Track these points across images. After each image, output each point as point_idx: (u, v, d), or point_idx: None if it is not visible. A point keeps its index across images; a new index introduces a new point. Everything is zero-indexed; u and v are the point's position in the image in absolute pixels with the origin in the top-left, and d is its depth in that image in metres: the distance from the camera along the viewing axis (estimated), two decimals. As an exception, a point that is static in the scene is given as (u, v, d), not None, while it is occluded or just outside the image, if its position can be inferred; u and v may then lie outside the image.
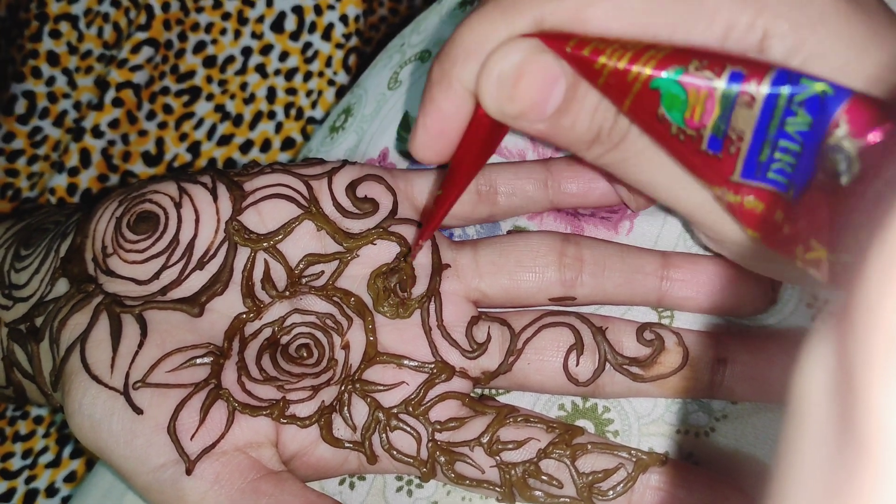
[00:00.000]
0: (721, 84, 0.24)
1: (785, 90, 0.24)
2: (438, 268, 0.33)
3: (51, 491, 0.45)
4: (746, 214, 0.26)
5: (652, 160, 0.28)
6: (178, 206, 0.33)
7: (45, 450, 0.46)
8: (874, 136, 0.22)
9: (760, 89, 0.24)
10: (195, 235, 0.33)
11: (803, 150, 0.24)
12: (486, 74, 0.26)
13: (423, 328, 0.33)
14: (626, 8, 0.25)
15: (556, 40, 0.26)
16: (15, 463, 0.45)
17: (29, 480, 0.45)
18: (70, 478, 0.45)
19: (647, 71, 0.25)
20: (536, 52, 0.26)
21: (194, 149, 0.51)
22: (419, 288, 0.33)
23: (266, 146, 0.52)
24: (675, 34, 0.25)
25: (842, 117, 0.23)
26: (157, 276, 0.33)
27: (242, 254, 0.33)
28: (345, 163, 0.35)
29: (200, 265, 0.33)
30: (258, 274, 0.33)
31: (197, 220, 0.33)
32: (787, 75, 0.24)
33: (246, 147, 0.52)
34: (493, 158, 0.37)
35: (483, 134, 0.28)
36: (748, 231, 0.26)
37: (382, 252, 0.34)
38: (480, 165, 0.30)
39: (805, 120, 0.24)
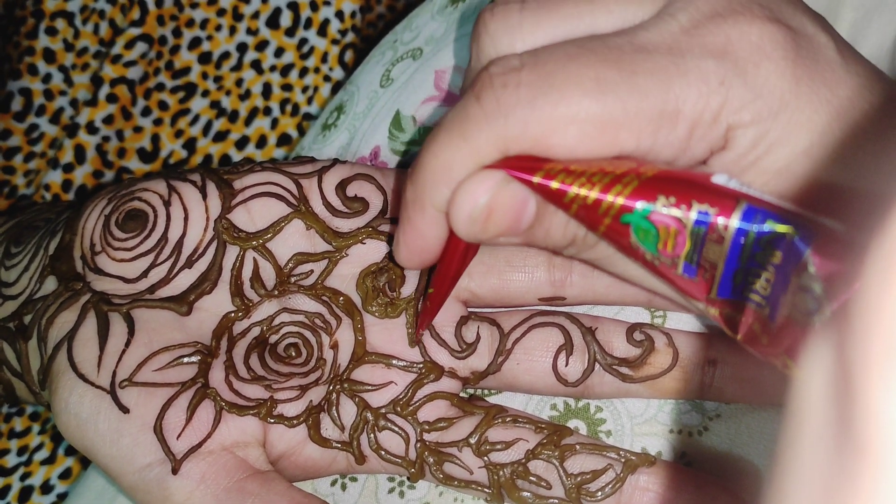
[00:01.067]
0: (689, 221, 0.24)
1: (752, 232, 0.24)
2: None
3: (46, 488, 0.45)
4: (727, 323, 0.26)
5: (624, 259, 0.28)
6: (167, 204, 0.33)
7: (40, 446, 0.46)
8: (839, 273, 0.22)
9: (729, 226, 0.24)
10: (184, 233, 0.33)
11: (775, 277, 0.24)
12: (455, 213, 0.26)
13: (411, 328, 0.33)
14: (588, 131, 0.25)
15: (522, 171, 0.26)
16: (10, 460, 0.45)
17: (24, 477, 0.45)
18: (65, 474, 0.45)
19: (616, 206, 0.25)
20: (502, 185, 0.26)
21: (190, 145, 0.51)
22: (408, 288, 0.33)
23: (262, 142, 0.52)
24: (640, 143, 0.25)
25: (809, 259, 0.23)
26: (145, 274, 0.33)
27: (231, 252, 0.33)
28: (335, 161, 0.35)
29: (189, 263, 0.33)
30: (247, 272, 0.33)
31: (186, 219, 0.33)
32: (753, 213, 0.24)
33: (241, 143, 0.52)
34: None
35: (464, 243, 0.28)
36: (729, 332, 0.27)
37: (372, 251, 0.34)
38: (466, 264, 0.30)
39: (774, 254, 0.24)
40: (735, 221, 0.24)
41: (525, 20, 0.27)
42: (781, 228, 0.24)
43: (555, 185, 0.25)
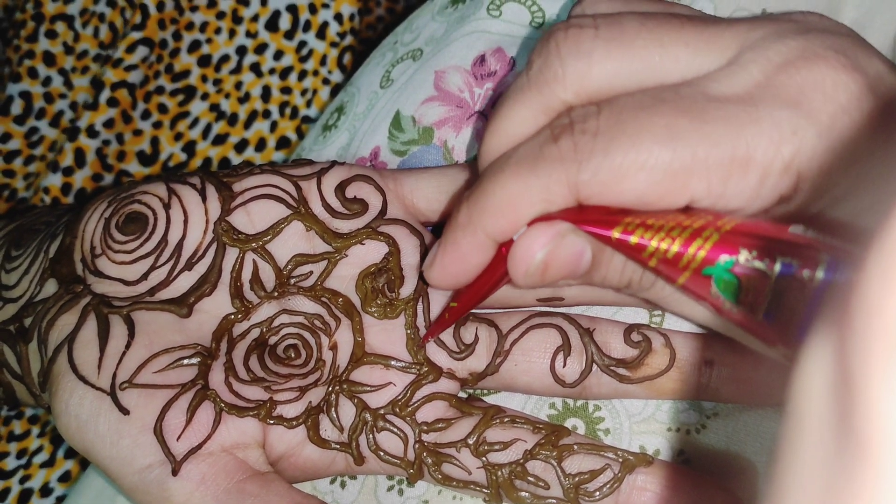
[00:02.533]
0: (773, 274, 0.24)
1: (836, 280, 0.24)
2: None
3: (45, 491, 0.45)
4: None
5: (681, 301, 0.29)
6: (166, 206, 0.33)
7: (39, 449, 0.46)
8: None
9: (814, 278, 0.24)
10: (184, 236, 0.33)
11: None
12: (515, 267, 0.27)
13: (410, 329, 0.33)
14: (659, 178, 0.25)
15: (598, 226, 0.26)
16: (9, 462, 0.46)
17: (23, 480, 0.45)
18: (64, 477, 0.45)
19: (698, 259, 0.25)
20: (559, 240, 0.27)
21: (189, 148, 0.51)
22: (407, 288, 0.33)
23: (261, 145, 0.52)
24: (711, 190, 0.25)
25: None
26: (145, 276, 0.33)
27: (231, 254, 0.33)
28: (333, 163, 0.35)
29: (189, 266, 0.33)
30: (247, 274, 0.33)
31: (186, 221, 0.33)
32: (836, 264, 0.24)
33: (241, 146, 0.52)
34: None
35: (502, 269, 0.29)
36: None
37: (371, 252, 0.34)
38: (497, 289, 0.30)
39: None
40: (820, 273, 0.24)
41: (597, 49, 0.27)
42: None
43: (633, 239, 0.26)
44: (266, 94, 0.52)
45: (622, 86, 0.27)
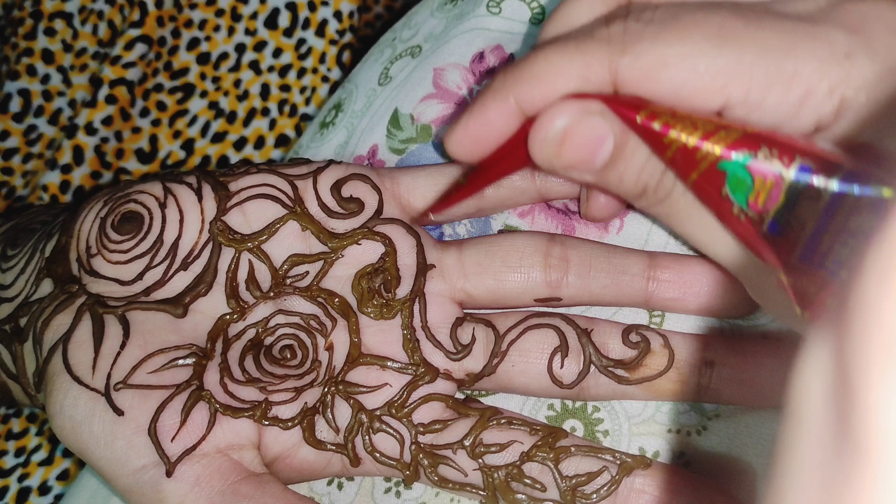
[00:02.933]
0: (789, 175, 0.24)
1: (852, 191, 0.23)
2: (423, 268, 0.33)
3: (43, 489, 0.45)
4: (799, 295, 0.26)
5: (692, 218, 0.28)
6: (162, 206, 0.33)
7: (38, 448, 0.46)
8: None
9: (828, 186, 0.23)
10: (179, 236, 0.33)
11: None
12: (534, 133, 0.27)
13: (407, 329, 0.33)
14: (699, 73, 0.25)
15: (625, 108, 0.26)
16: (8, 461, 0.46)
17: (22, 478, 0.45)
18: (63, 476, 0.45)
19: (716, 152, 0.25)
20: (584, 115, 0.26)
21: (188, 146, 0.51)
22: (404, 289, 0.33)
23: (260, 143, 0.52)
24: (749, 97, 0.25)
25: None
26: (140, 276, 0.33)
27: (227, 254, 0.33)
28: (330, 162, 0.35)
29: (184, 266, 0.33)
30: (242, 274, 0.33)
31: (181, 221, 0.33)
32: (855, 175, 0.23)
33: (240, 144, 0.52)
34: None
35: (523, 150, 0.28)
36: (797, 308, 0.26)
37: (367, 252, 0.34)
38: (511, 173, 0.30)
39: (869, 221, 0.23)
40: (836, 181, 0.23)
41: None
42: (885, 192, 0.23)
43: (657, 125, 0.26)
44: (265, 92, 0.52)
45: None
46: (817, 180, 0.24)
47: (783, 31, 0.25)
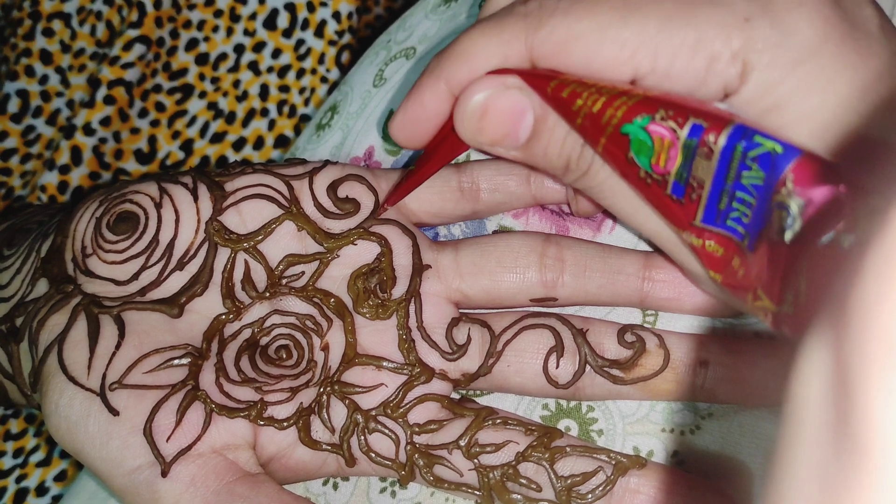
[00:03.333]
0: (683, 134, 0.25)
1: (740, 145, 0.24)
2: (419, 269, 0.33)
3: (41, 490, 0.45)
4: (707, 257, 0.27)
5: (614, 189, 0.29)
6: (158, 206, 0.33)
7: (36, 449, 0.46)
8: (817, 195, 0.23)
9: (718, 142, 0.25)
10: (175, 236, 0.33)
11: (757, 202, 0.25)
12: (457, 109, 0.29)
13: (402, 329, 0.33)
14: (608, 43, 0.26)
15: (538, 79, 0.27)
16: (6, 462, 0.46)
17: (20, 479, 0.45)
18: (60, 477, 0.45)
19: (618, 115, 0.26)
20: (501, 89, 0.28)
21: (187, 146, 0.51)
22: (399, 289, 0.33)
23: (259, 144, 0.52)
24: (656, 66, 0.26)
25: (788, 176, 0.23)
26: (136, 276, 0.33)
27: (223, 254, 0.33)
28: (326, 163, 0.35)
29: (180, 266, 0.33)
30: (238, 275, 0.33)
31: (177, 221, 0.33)
32: (743, 130, 0.24)
33: (239, 145, 0.52)
34: (477, 155, 0.36)
35: (455, 136, 0.30)
36: (710, 272, 0.27)
37: (363, 252, 0.34)
38: (451, 158, 0.31)
39: (758, 175, 0.24)
40: (725, 136, 0.24)
41: None
42: (768, 144, 0.24)
43: (565, 93, 0.27)
44: (264, 93, 0.52)
45: None
46: (708, 137, 0.25)
47: (685, 1, 0.26)
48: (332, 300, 0.33)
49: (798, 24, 0.25)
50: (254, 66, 0.52)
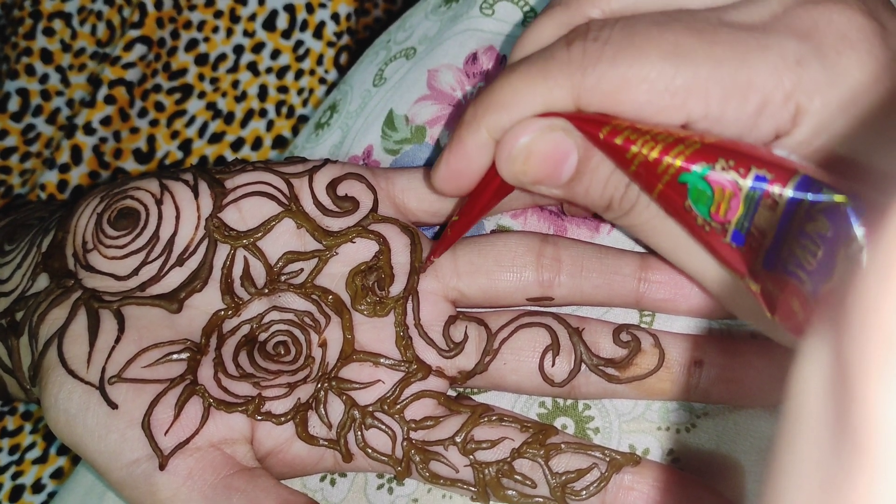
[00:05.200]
0: (745, 185, 0.25)
1: (806, 198, 0.24)
2: (417, 267, 0.33)
3: (37, 487, 0.45)
4: (766, 300, 0.26)
5: (657, 229, 0.29)
6: (159, 202, 0.34)
7: (32, 445, 0.46)
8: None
9: (783, 194, 0.24)
10: (175, 232, 0.33)
11: (823, 252, 0.24)
12: (499, 151, 0.28)
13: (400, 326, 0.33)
14: (659, 92, 0.26)
15: (588, 124, 0.27)
16: (2, 458, 0.46)
17: (16, 476, 0.45)
18: (57, 474, 0.45)
19: (677, 165, 0.25)
20: (546, 131, 0.27)
21: (186, 146, 0.52)
22: (397, 287, 0.33)
23: (257, 144, 0.52)
24: (709, 111, 0.26)
25: (858, 230, 0.23)
26: (136, 272, 0.33)
27: (222, 251, 0.33)
28: (326, 161, 0.35)
29: (180, 262, 0.33)
30: (237, 271, 0.33)
31: (177, 217, 0.33)
32: (809, 182, 0.24)
33: (237, 145, 0.52)
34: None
35: (500, 180, 0.29)
36: (767, 312, 0.27)
37: (362, 250, 0.34)
38: (497, 202, 0.31)
39: (824, 225, 0.24)
40: (790, 189, 0.24)
41: None
42: (837, 198, 0.23)
43: (619, 140, 0.26)
44: (263, 93, 0.52)
45: (647, 8, 0.28)
46: (773, 188, 0.24)
47: (735, 44, 0.25)
48: (331, 297, 0.33)
49: (849, 66, 0.25)
50: (253, 67, 0.53)
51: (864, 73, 0.25)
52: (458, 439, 0.32)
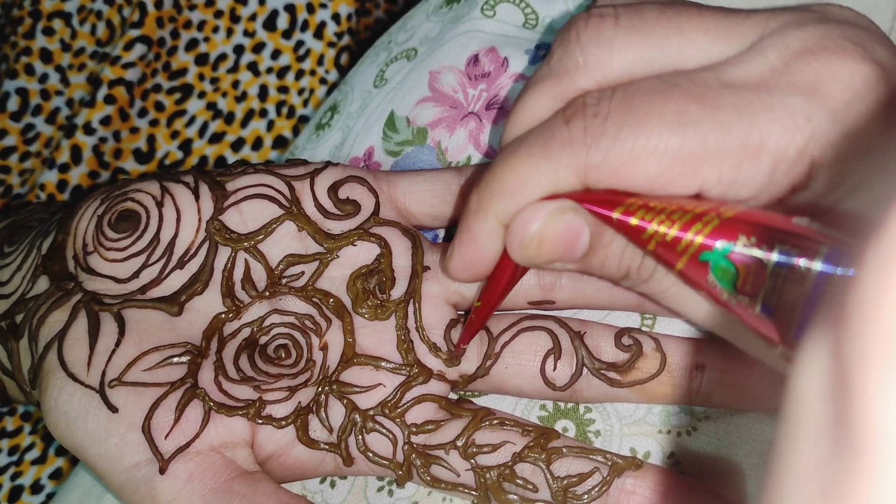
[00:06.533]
0: (771, 262, 0.24)
1: (835, 273, 0.23)
2: (418, 270, 0.33)
3: (36, 488, 0.45)
4: None
5: (679, 296, 0.29)
6: (159, 204, 0.33)
7: (31, 446, 0.46)
8: None
9: (811, 269, 0.23)
10: (176, 234, 0.33)
11: None
12: (510, 237, 0.27)
13: (401, 330, 0.33)
14: (668, 164, 0.25)
15: (601, 206, 0.26)
16: (1, 459, 0.46)
17: (14, 477, 0.45)
18: (56, 475, 0.45)
19: (697, 243, 0.25)
20: (555, 215, 0.27)
21: (186, 146, 0.51)
22: (398, 290, 0.33)
23: (257, 144, 0.52)
24: (723, 177, 0.25)
25: None
26: (136, 274, 0.33)
27: (223, 253, 0.33)
28: (327, 164, 0.35)
29: (181, 264, 0.33)
30: (238, 274, 0.33)
31: (178, 220, 0.33)
32: (836, 256, 0.23)
33: (237, 145, 0.52)
34: (477, 158, 0.37)
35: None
36: None
37: (362, 253, 0.34)
38: (516, 282, 0.30)
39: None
40: (818, 264, 0.23)
41: (617, 37, 0.27)
42: None
43: (634, 221, 0.26)
44: (263, 93, 0.52)
45: (642, 73, 0.27)
46: (800, 262, 0.24)
47: (740, 106, 0.25)
48: (332, 300, 0.33)
49: (859, 119, 0.25)
50: (253, 67, 0.52)
51: (875, 123, 0.25)
52: (459, 443, 0.32)
